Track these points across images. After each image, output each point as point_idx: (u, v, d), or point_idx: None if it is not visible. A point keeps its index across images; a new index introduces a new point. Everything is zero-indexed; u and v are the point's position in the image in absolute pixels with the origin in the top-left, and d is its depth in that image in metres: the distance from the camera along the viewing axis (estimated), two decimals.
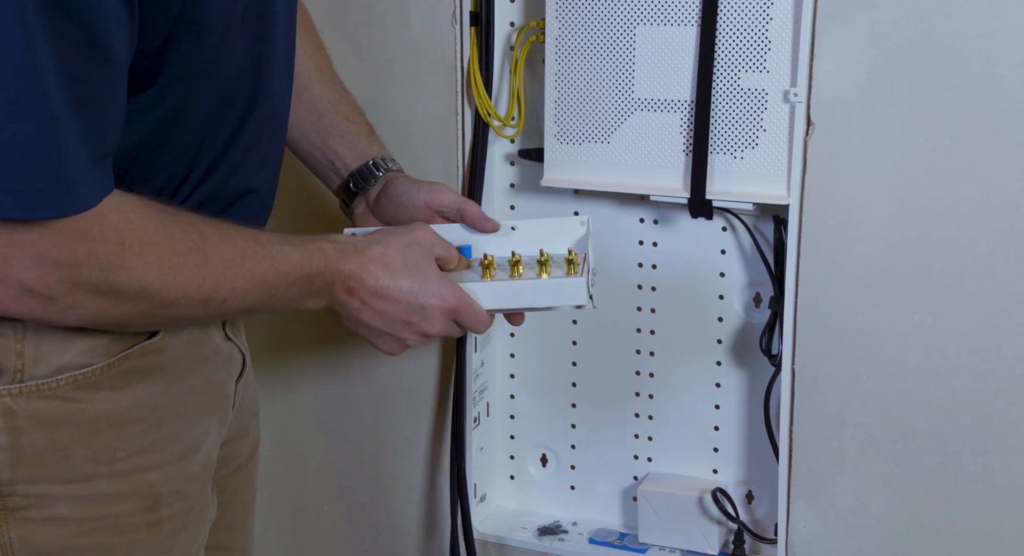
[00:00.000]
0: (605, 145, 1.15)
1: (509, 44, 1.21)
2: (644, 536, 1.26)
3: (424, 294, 0.93)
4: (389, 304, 0.93)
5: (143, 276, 0.78)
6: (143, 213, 0.79)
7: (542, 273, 0.97)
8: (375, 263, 0.92)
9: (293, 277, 0.88)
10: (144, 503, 0.88)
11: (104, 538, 0.86)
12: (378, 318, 0.94)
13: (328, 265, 0.90)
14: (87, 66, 0.72)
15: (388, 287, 0.92)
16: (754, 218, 1.17)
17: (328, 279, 0.90)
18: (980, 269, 1.05)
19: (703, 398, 1.24)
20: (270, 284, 0.87)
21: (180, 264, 0.80)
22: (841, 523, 1.15)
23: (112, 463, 0.86)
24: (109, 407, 0.85)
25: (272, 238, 0.88)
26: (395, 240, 0.94)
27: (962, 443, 1.09)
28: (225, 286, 0.83)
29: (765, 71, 1.08)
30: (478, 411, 1.30)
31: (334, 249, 0.91)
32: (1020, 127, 1.01)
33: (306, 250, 0.89)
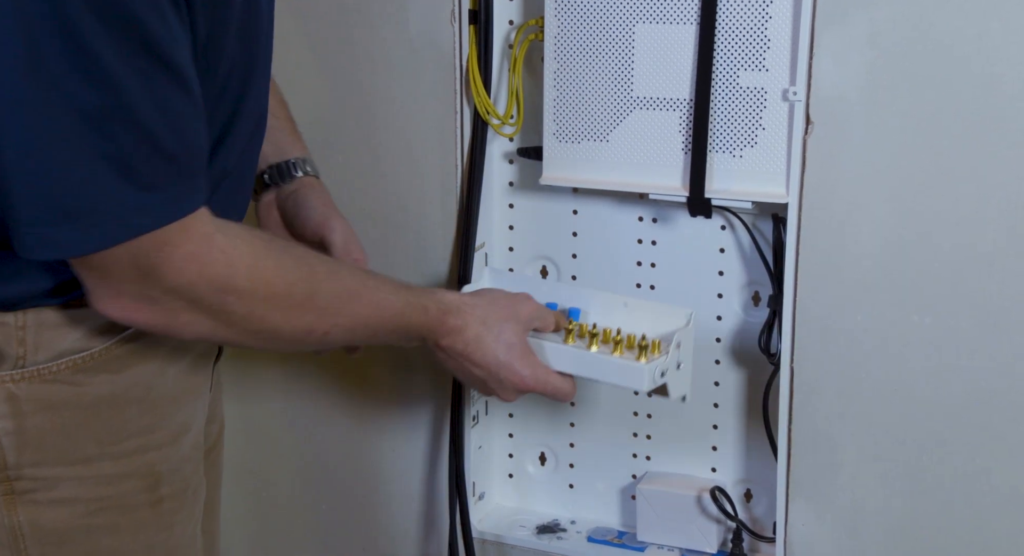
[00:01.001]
0: (604, 143, 1.15)
1: (508, 42, 1.21)
2: (643, 534, 1.26)
3: (507, 371, 1.01)
4: (472, 368, 1.01)
5: (250, 298, 0.83)
6: (249, 239, 0.83)
7: (616, 351, 1.04)
8: (470, 331, 0.99)
9: (392, 325, 0.95)
10: (146, 482, 0.91)
11: (110, 518, 0.89)
12: (460, 373, 1.03)
13: (427, 323, 0.97)
14: (175, 97, 0.75)
15: (474, 357, 1.00)
16: (753, 217, 1.17)
17: (423, 334, 0.98)
18: (979, 268, 1.05)
19: (702, 396, 1.24)
20: (371, 326, 0.93)
21: (286, 293, 0.85)
22: (840, 522, 1.15)
23: (114, 444, 0.88)
24: (108, 389, 0.87)
25: (380, 284, 0.95)
26: (496, 312, 1.01)
27: (960, 442, 1.09)
28: (328, 321, 0.89)
29: (764, 70, 1.07)
30: (477, 409, 1.30)
31: (437, 309, 0.98)
32: (1019, 126, 1.01)
33: (410, 303, 0.96)
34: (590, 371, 1.04)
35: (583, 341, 1.05)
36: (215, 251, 0.80)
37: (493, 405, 1.33)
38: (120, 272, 0.77)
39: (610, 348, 1.04)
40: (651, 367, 1.02)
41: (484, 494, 1.33)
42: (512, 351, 1.00)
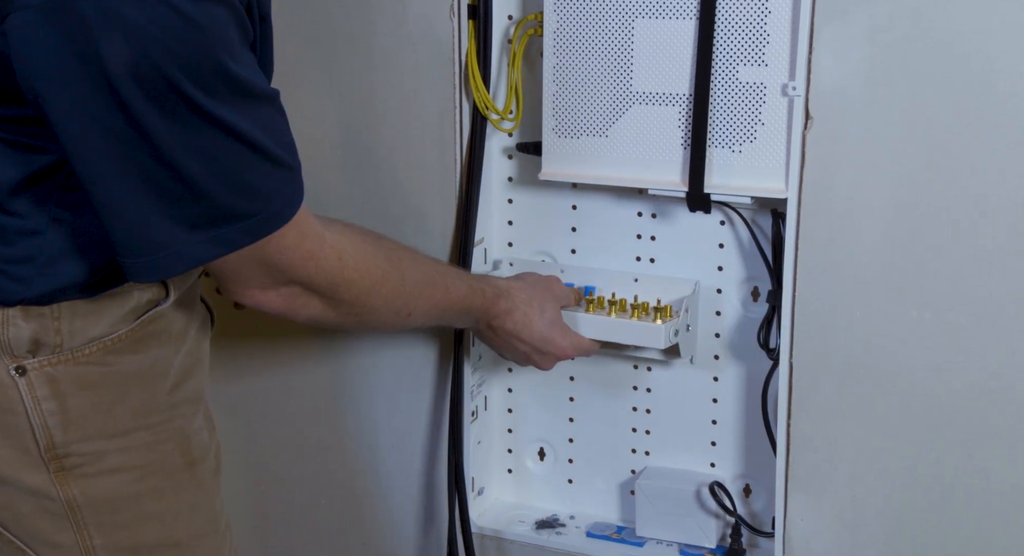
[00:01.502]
0: (603, 139, 1.15)
1: (507, 37, 1.20)
2: (641, 529, 1.26)
3: (549, 344, 1.15)
4: (518, 343, 1.15)
5: (357, 286, 0.97)
6: (350, 235, 0.98)
7: (634, 316, 1.17)
8: (518, 312, 1.14)
9: (458, 307, 1.09)
10: (180, 446, 0.99)
11: (154, 482, 0.97)
12: (505, 349, 1.17)
13: (485, 305, 1.12)
14: (267, 113, 0.85)
15: (521, 333, 1.14)
16: (752, 212, 1.17)
17: (478, 316, 1.13)
18: (978, 264, 1.05)
19: (701, 392, 1.24)
20: (442, 308, 1.08)
21: (383, 280, 0.99)
22: (838, 517, 1.15)
23: (147, 416, 0.96)
24: (135, 366, 0.95)
25: (448, 270, 1.11)
26: (538, 293, 1.16)
27: (959, 438, 1.09)
28: (412, 303, 1.03)
29: (764, 65, 1.07)
30: (476, 405, 1.30)
31: (492, 292, 1.12)
32: (1018, 122, 1.01)
33: (472, 288, 1.11)
34: (614, 335, 1.17)
35: (603, 310, 1.19)
36: (327, 248, 0.93)
37: (492, 400, 1.33)
38: (249, 270, 0.90)
39: (628, 314, 1.18)
40: (666, 327, 1.15)
41: (483, 489, 1.33)
42: (554, 326, 1.15)
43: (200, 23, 0.77)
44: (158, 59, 0.76)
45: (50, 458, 0.92)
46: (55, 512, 0.94)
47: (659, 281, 1.20)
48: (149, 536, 0.98)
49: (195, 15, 0.77)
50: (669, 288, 1.19)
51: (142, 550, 0.98)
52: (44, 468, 0.92)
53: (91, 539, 0.95)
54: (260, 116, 0.84)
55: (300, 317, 0.96)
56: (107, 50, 0.75)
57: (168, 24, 0.76)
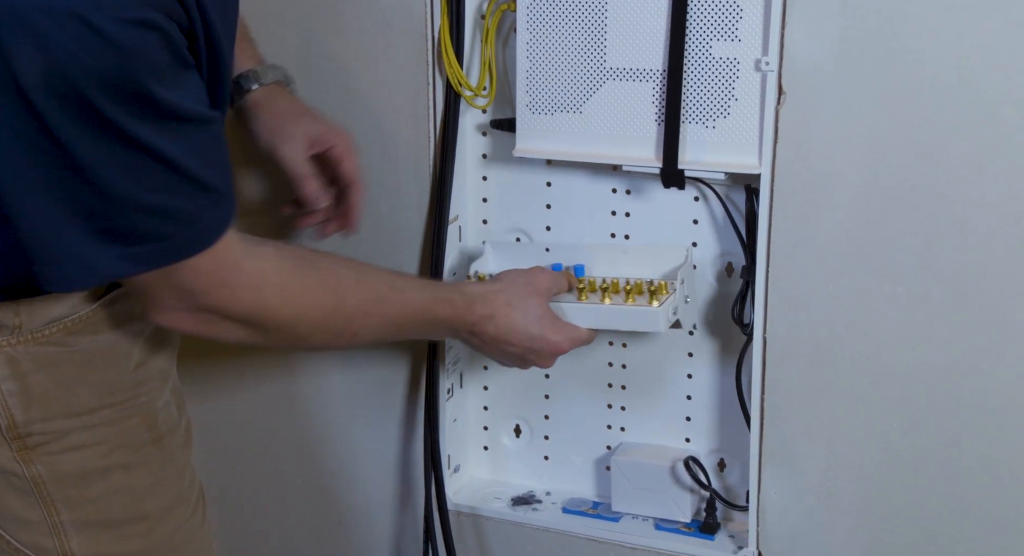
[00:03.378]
0: (577, 115, 1.15)
1: (480, 13, 1.20)
2: (617, 505, 1.27)
3: (542, 342, 1.09)
4: (508, 347, 1.09)
5: (278, 315, 0.93)
6: (277, 261, 0.93)
7: (628, 300, 1.11)
8: (499, 317, 1.07)
9: (420, 320, 1.04)
10: (147, 421, 0.99)
11: (122, 457, 0.97)
12: (497, 355, 1.11)
13: (455, 316, 1.06)
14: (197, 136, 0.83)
15: (508, 336, 1.08)
16: (726, 188, 1.17)
17: (453, 325, 1.07)
18: (951, 238, 1.06)
19: (676, 368, 1.25)
20: (399, 325, 1.03)
21: (313, 306, 0.95)
22: (812, 490, 1.16)
23: (111, 394, 0.96)
24: (97, 347, 0.95)
25: (407, 283, 1.06)
26: (518, 291, 1.09)
27: (931, 411, 1.10)
28: (356, 324, 0.99)
29: (737, 40, 1.07)
30: (451, 382, 1.30)
31: (462, 301, 1.06)
32: (990, 97, 1.01)
33: (436, 299, 1.05)
34: (610, 322, 1.12)
35: (596, 296, 1.12)
36: (244, 277, 0.90)
37: (468, 378, 1.33)
38: (163, 291, 0.88)
39: (622, 298, 1.11)
40: (665, 309, 1.10)
41: (459, 467, 1.34)
42: (543, 323, 1.09)
43: (122, 45, 0.75)
44: (72, 74, 0.75)
45: (12, 437, 0.92)
46: (22, 489, 0.94)
47: (649, 252, 1.16)
48: (117, 510, 0.98)
49: (117, 37, 0.75)
50: (661, 258, 1.15)
51: (111, 524, 0.98)
52: (7, 447, 0.93)
53: (58, 514, 0.95)
54: (190, 140, 0.82)
55: (224, 340, 0.94)
56: (19, 59, 0.73)
57: (85, 43, 0.74)
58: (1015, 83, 1.00)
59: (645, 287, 1.12)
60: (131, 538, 0.99)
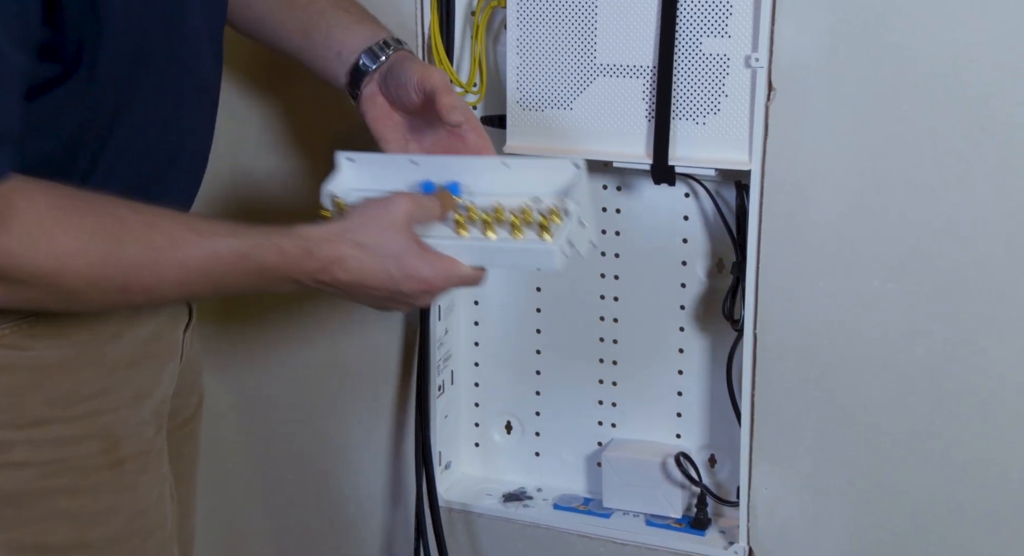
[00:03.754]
0: (568, 111, 1.15)
1: (470, 9, 1.20)
2: (608, 501, 1.27)
3: (404, 280, 0.90)
4: (368, 291, 0.91)
5: (32, 262, 0.77)
6: (36, 198, 0.77)
7: (516, 234, 0.94)
8: (349, 259, 0.89)
9: (241, 269, 0.86)
10: (104, 444, 0.90)
11: (68, 479, 0.89)
12: (361, 301, 0.93)
13: (287, 263, 0.87)
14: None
15: (368, 281, 0.90)
16: (716, 184, 1.17)
17: (289, 275, 0.88)
18: (940, 234, 1.06)
19: (666, 364, 1.25)
20: (211, 275, 0.85)
21: (80, 251, 0.78)
22: (802, 485, 1.16)
23: (67, 407, 0.88)
24: (58, 354, 0.87)
25: (217, 228, 0.86)
26: (370, 226, 0.90)
27: (921, 406, 1.10)
28: (145, 276, 0.82)
29: (727, 36, 1.07)
30: (442, 379, 1.30)
31: (295, 246, 0.87)
32: (979, 93, 1.01)
33: (258, 244, 0.86)
34: (496, 261, 0.95)
35: (477, 228, 0.94)
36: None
37: (459, 375, 1.33)
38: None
39: (508, 230, 0.94)
40: (559, 243, 0.93)
41: (450, 463, 1.34)
42: (404, 259, 0.90)
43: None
44: None
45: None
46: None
47: (535, 165, 0.99)
48: (57, 536, 0.90)
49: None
50: (550, 173, 0.98)
51: (49, 550, 0.90)
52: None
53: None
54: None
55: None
56: None
57: None
58: (1004, 79, 1.00)
59: (534, 215, 0.94)
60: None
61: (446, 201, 0.95)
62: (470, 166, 0.98)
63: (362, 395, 1.34)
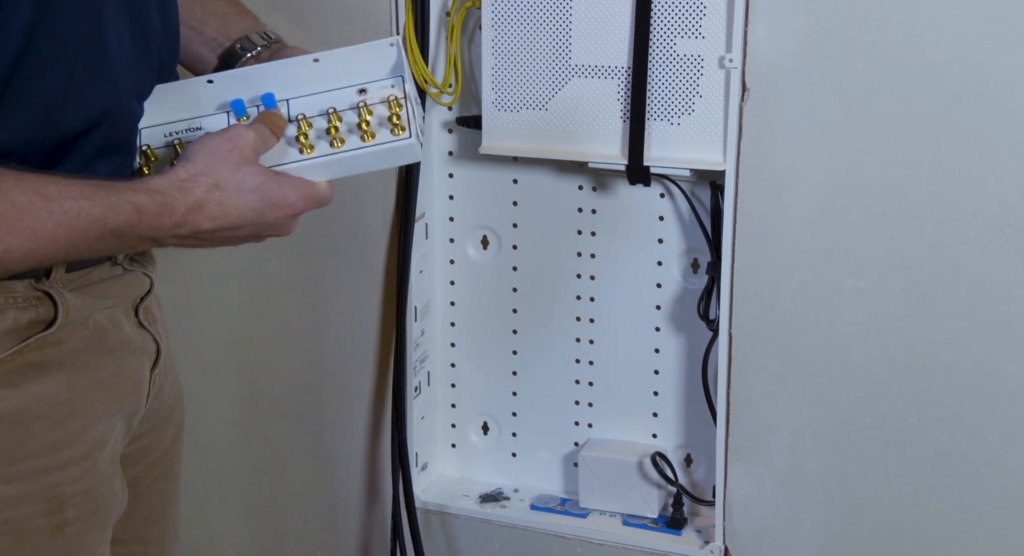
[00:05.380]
0: (543, 112, 1.15)
1: (445, 10, 1.20)
2: (585, 501, 1.27)
3: (268, 211, 0.86)
4: (234, 231, 0.86)
5: None
6: None
7: (367, 139, 0.88)
8: (209, 204, 0.83)
9: (94, 234, 0.80)
10: (47, 506, 0.84)
11: (4, 544, 0.82)
12: (225, 242, 0.87)
13: (144, 221, 0.81)
14: None
15: (229, 220, 0.84)
16: (691, 184, 1.18)
17: (147, 234, 0.82)
18: (913, 232, 1.07)
19: (642, 364, 1.25)
20: (62, 242, 0.78)
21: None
22: (777, 484, 1.17)
23: (12, 465, 0.82)
24: (5, 406, 0.81)
25: (66, 190, 0.79)
26: (220, 164, 0.84)
27: (894, 404, 1.11)
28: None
29: (701, 37, 1.08)
30: (419, 380, 1.30)
31: (151, 201, 0.81)
32: (950, 91, 1.02)
33: (111, 204, 0.80)
34: (356, 169, 0.90)
35: (323, 142, 0.89)
36: None
37: (435, 376, 1.33)
38: None
39: (358, 136, 0.89)
40: (415, 134, 0.89)
41: (427, 464, 1.34)
42: (264, 190, 0.85)
43: None
44: None
45: None
46: None
47: (349, 57, 0.92)
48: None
49: None
50: (365, 59, 0.92)
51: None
52: None
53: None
54: None
55: None
56: None
57: None
58: (976, 78, 1.01)
59: (378, 113, 0.89)
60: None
61: (275, 120, 0.89)
62: (278, 72, 0.92)
63: (338, 396, 1.34)
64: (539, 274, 1.26)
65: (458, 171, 1.27)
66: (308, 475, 1.38)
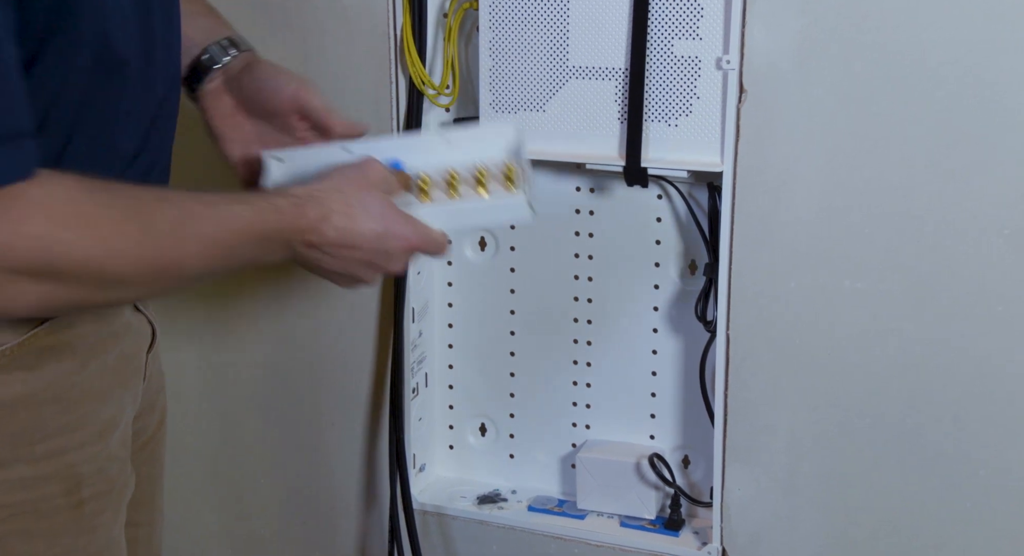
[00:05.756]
0: (540, 113, 1.15)
1: (442, 11, 1.19)
2: (583, 502, 1.27)
3: (388, 238, 0.92)
4: (352, 251, 0.91)
5: (79, 249, 0.74)
6: (67, 184, 0.75)
7: (481, 191, 0.96)
8: (336, 215, 0.89)
9: (250, 237, 0.85)
10: (65, 485, 0.86)
11: (25, 524, 0.84)
12: (339, 264, 0.92)
13: (284, 221, 0.87)
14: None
15: (352, 238, 0.90)
16: (689, 186, 1.18)
17: (286, 236, 0.88)
18: (910, 233, 1.07)
19: (640, 365, 1.25)
20: (226, 244, 0.84)
21: (118, 232, 0.76)
22: (775, 485, 1.17)
23: (31, 445, 0.84)
24: (23, 389, 0.82)
25: (219, 197, 0.85)
26: (352, 185, 0.92)
27: (892, 404, 1.11)
28: (175, 251, 0.80)
29: (698, 38, 1.08)
30: (416, 381, 1.30)
31: (289, 204, 0.88)
32: (949, 92, 1.02)
33: (259, 207, 0.86)
34: (469, 220, 0.99)
35: (441, 192, 0.97)
36: (31, 205, 0.72)
37: (433, 377, 1.33)
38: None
39: (472, 190, 0.96)
40: (525, 193, 0.96)
41: (424, 466, 1.34)
42: (386, 217, 0.92)
43: None
44: None
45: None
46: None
47: (475, 136, 1.00)
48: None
49: None
50: (489, 140, 1.00)
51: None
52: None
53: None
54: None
55: (18, 312, 0.76)
56: None
57: None
58: (975, 79, 1.01)
59: (490, 174, 0.97)
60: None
61: (402, 177, 0.96)
62: (408, 146, 0.98)
63: (336, 397, 1.34)
64: (537, 276, 1.26)
65: None
66: (306, 476, 1.38)
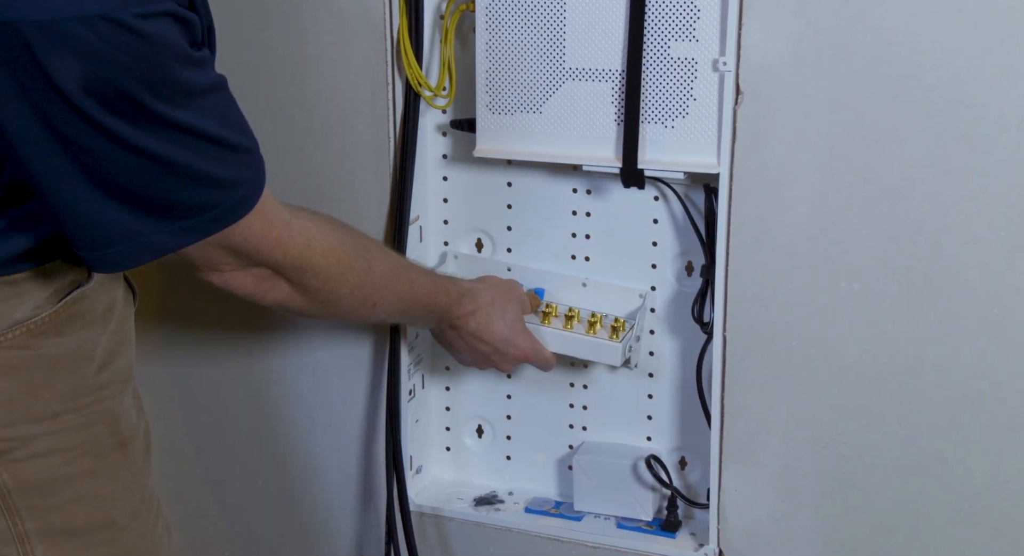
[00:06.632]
0: (537, 115, 1.15)
1: (439, 13, 1.20)
2: (579, 504, 1.27)
3: (510, 345, 1.17)
4: (480, 344, 1.17)
5: (324, 273, 0.98)
6: (317, 222, 0.99)
7: (590, 331, 1.19)
8: (481, 313, 1.15)
9: (422, 303, 1.11)
10: (111, 427, 0.98)
11: (86, 463, 0.96)
12: (466, 348, 1.18)
13: (448, 304, 1.13)
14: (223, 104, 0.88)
15: (484, 334, 1.16)
16: (685, 187, 1.18)
17: (442, 315, 1.14)
18: (907, 235, 1.07)
19: (637, 367, 1.25)
20: (407, 302, 1.09)
21: (350, 267, 1.01)
22: (772, 486, 1.17)
23: (76, 398, 0.95)
24: (60, 350, 0.94)
25: (413, 265, 1.12)
26: (500, 295, 1.17)
27: (889, 406, 1.11)
28: (378, 294, 1.05)
29: (694, 40, 1.08)
30: (413, 383, 1.30)
31: (456, 291, 1.14)
32: (945, 94, 1.02)
33: (437, 286, 1.12)
34: (571, 349, 1.20)
35: (559, 321, 1.21)
36: (295, 234, 0.95)
37: (429, 379, 1.33)
38: (218, 255, 0.93)
39: (584, 328, 1.19)
40: (623, 344, 1.18)
41: (421, 467, 1.33)
42: (515, 328, 1.17)
43: (150, 37, 0.79)
44: (112, 74, 0.78)
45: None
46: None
47: (608, 289, 1.21)
48: (82, 518, 0.97)
49: (144, 30, 0.78)
50: (617, 297, 1.21)
51: (76, 532, 0.97)
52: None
53: (23, 524, 0.94)
54: (216, 109, 0.87)
55: (267, 301, 0.98)
56: (57, 69, 0.77)
57: (119, 41, 0.78)
58: (970, 81, 1.01)
59: (606, 321, 1.19)
60: (97, 546, 0.98)
61: (534, 301, 1.22)
62: (553, 278, 1.23)
63: (332, 399, 1.33)
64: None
65: (452, 174, 1.27)
66: (303, 478, 1.38)
